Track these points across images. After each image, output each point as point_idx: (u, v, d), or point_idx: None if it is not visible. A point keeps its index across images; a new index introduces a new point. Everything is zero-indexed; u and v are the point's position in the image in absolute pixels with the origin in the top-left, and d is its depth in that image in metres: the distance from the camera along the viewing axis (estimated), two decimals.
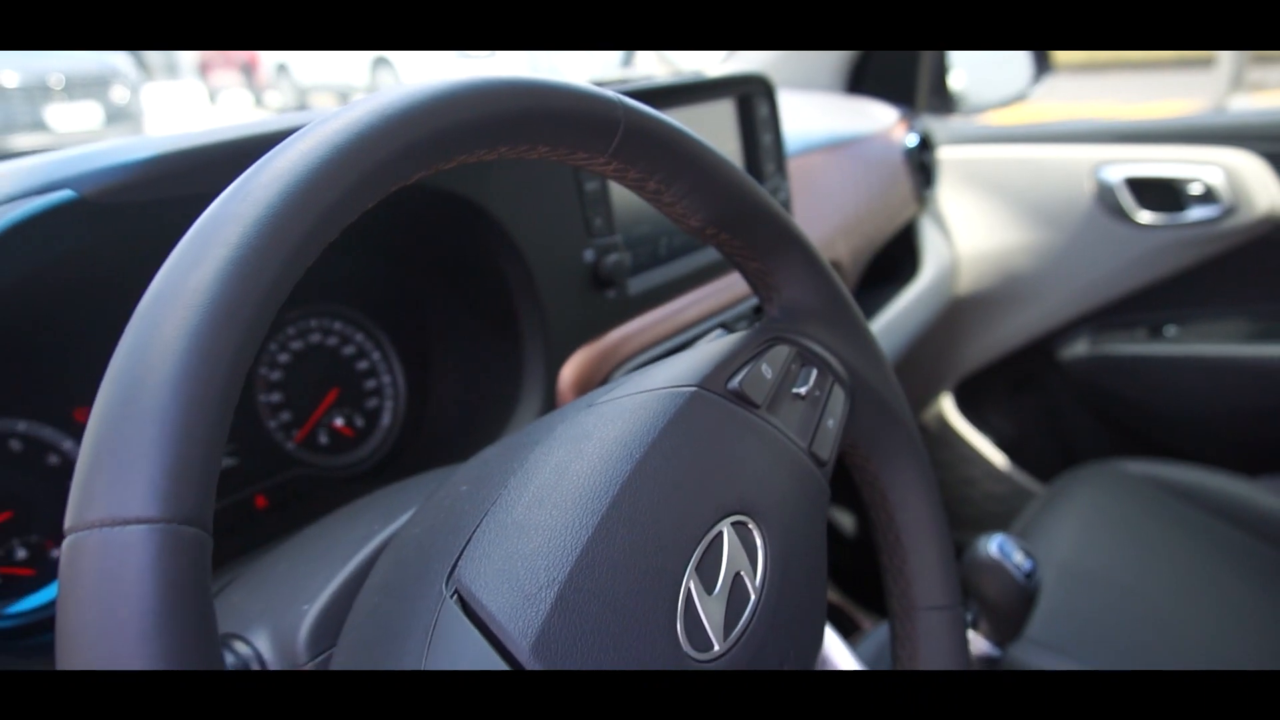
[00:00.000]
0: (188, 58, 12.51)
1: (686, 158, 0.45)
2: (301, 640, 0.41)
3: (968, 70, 1.79)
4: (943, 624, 0.55)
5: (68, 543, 0.26)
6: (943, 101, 1.75)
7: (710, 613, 0.38)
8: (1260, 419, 1.49)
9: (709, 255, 0.92)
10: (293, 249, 0.30)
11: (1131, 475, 1.31)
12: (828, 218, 1.20)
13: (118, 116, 6.09)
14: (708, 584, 0.39)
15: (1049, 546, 1.16)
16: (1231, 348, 1.51)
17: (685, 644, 0.37)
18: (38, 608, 0.58)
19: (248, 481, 0.69)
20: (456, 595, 0.36)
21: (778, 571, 0.42)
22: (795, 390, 0.49)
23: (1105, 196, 1.52)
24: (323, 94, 9.76)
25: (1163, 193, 1.48)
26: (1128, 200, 1.51)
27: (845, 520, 1.84)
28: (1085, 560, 1.14)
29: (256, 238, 0.29)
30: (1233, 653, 1.01)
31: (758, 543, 0.42)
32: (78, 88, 5.85)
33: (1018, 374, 1.76)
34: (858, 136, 1.38)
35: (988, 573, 0.79)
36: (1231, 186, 1.42)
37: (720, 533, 0.40)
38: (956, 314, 1.69)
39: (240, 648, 0.42)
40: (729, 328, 0.62)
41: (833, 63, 1.64)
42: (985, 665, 0.83)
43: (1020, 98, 1.73)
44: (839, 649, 0.50)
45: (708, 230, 0.48)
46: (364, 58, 8.92)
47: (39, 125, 5.63)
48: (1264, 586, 1.12)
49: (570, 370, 0.76)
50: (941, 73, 1.75)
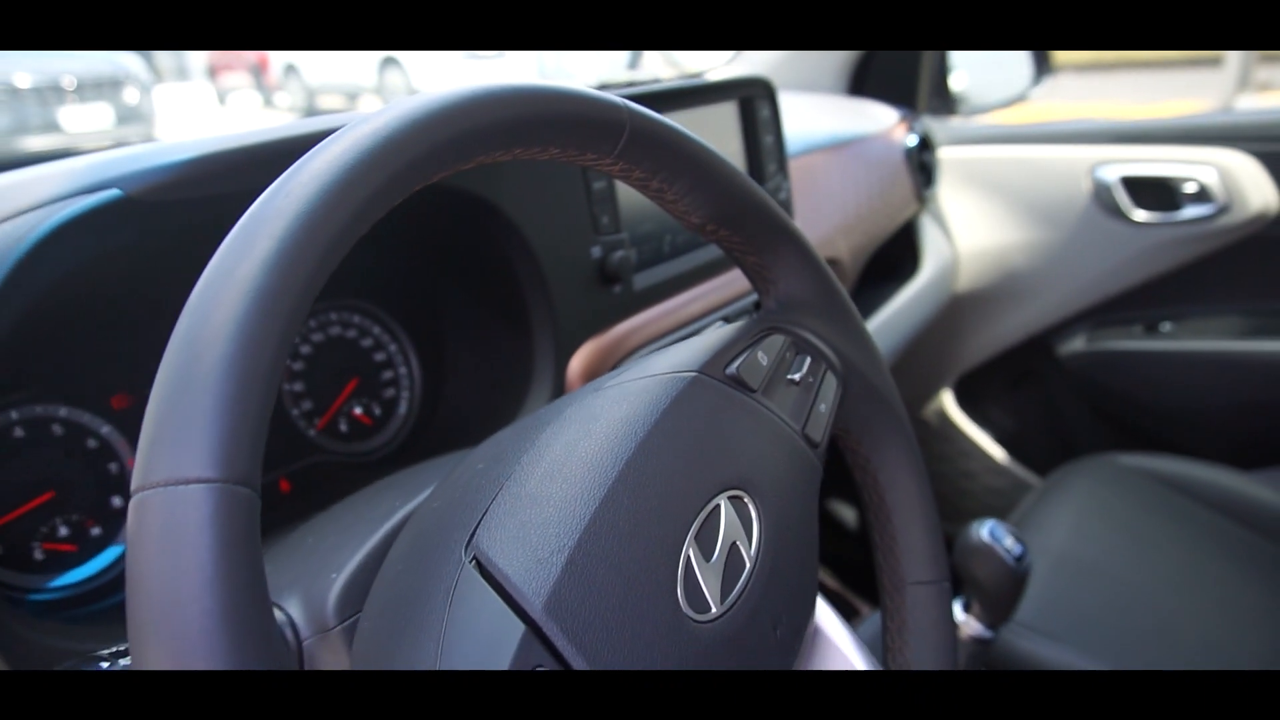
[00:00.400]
0: (197, 60, 12.55)
1: (687, 158, 0.47)
2: (330, 605, 0.44)
3: (969, 72, 1.81)
4: (929, 597, 0.58)
5: (135, 500, 0.29)
6: (944, 103, 1.76)
7: (708, 578, 0.41)
8: (1254, 413, 1.51)
9: (711, 253, 0.95)
10: (329, 242, 0.34)
11: (1127, 468, 1.33)
12: (828, 216, 1.23)
13: (129, 117, 6.08)
14: (706, 552, 0.42)
15: (1044, 537, 1.18)
16: (1225, 343, 1.53)
17: (685, 606, 0.40)
18: (80, 581, 0.61)
19: (272, 466, 0.73)
20: (475, 560, 0.38)
21: (771, 542, 0.45)
22: (790, 376, 0.52)
23: (1102, 195, 1.54)
24: (331, 95, 9.76)
25: (1158, 192, 1.50)
26: (1124, 199, 1.52)
27: (847, 514, 1.86)
28: (1079, 549, 1.15)
29: (297, 231, 0.32)
30: (1224, 640, 1.03)
31: (753, 515, 0.45)
32: (89, 89, 5.83)
33: (1017, 369, 1.77)
34: (858, 137, 1.40)
35: (979, 556, 0.82)
36: (1225, 186, 1.44)
37: (718, 506, 0.43)
38: (957, 311, 1.70)
39: (274, 613, 0.45)
40: (729, 321, 0.65)
41: (835, 65, 1.65)
42: (977, 646, 0.86)
43: (1021, 99, 1.74)
44: (838, 630, 0.54)
45: (708, 226, 0.51)
46: (372, 58, 8.88)
47: (52, 126, 5.63)
48: (1256, 576, 1.14)
49: (578, 362, 0.79)
50: (943, 75, 1.76)
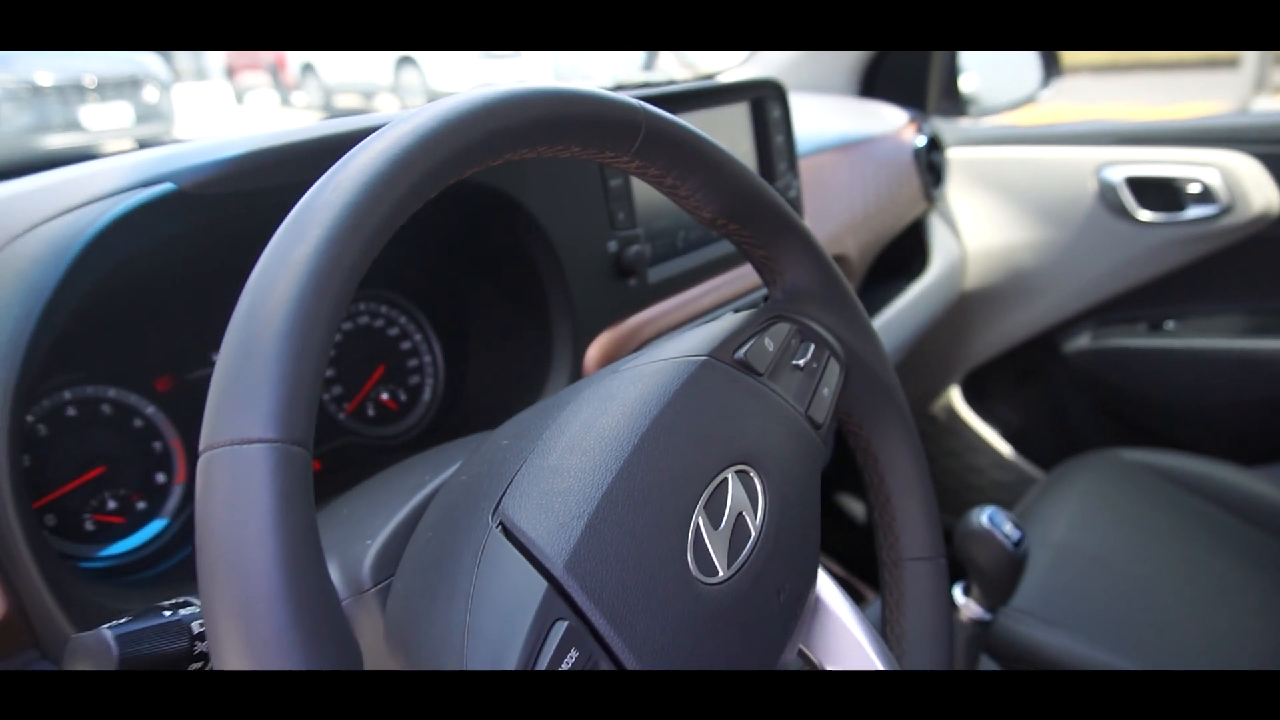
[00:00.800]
0: (215, 59, 12.63)
1: (700, 156, 0.50)
2: (366, 569, 0.47)
3: (979, 74, 1.83)
4: (925, 572, 0.61)
5: (203, 459, 0.32)
6: (953, 105, 1.78)
7: (715, 544, 0.45)
8: (1255, 410, 1.53)
9: (722, 248, 0.98)
10: (373, 230, 0.37)
11: (1129, 463, 1.35)
12: (836, 214, 1.26)
13: (148, 116, 6.11)
14: (714, 520, 0.45)
15: (1045, 528, 1.20)
16: (1228, 341, 1.55)
17: (694, 569, 0.43)
18: (126, 552, 0.65)
19: None
20: (501, 526, 0.42)
21: (775, 515, 0.48)
22: (795, 362, 0.56)
23: (1107, 195, 1.56)
24: (348, 94, 9.83)
25: (1162, 192, 1.52)
26: (1129, 199, 1.54)
27: (857, 508, 1.89)
28: (1079, 540, 1.18)
29: (345, 220, 0.36)
30: (1222, 631, 1.05)
31: (758, 489, 0.48)
32: (110, 88, 5.86)
33: (1023, 366, 1.79)
34: (868, 137, 1.43)
35: (978, 541, 0.85)
36: (1228, 186, 1.46)
37: (725, 479, 0.47)
38: (964, 308, 1.72)
39: None
40: (739, 312, 0.68)
41: (846, 67, 1.68)
42: (976, 628, 0.89)
43: (1030, 100, 1.77)
44: (840, 602, 0.57)
45: (718, 221, 0.54)
46: (388, 57, 8.91)
47: (73, 125, 5.67)
48: (1255, 569, 1.16)
49: (595, 351, 0.83)
50: (952, 77, 1.78)
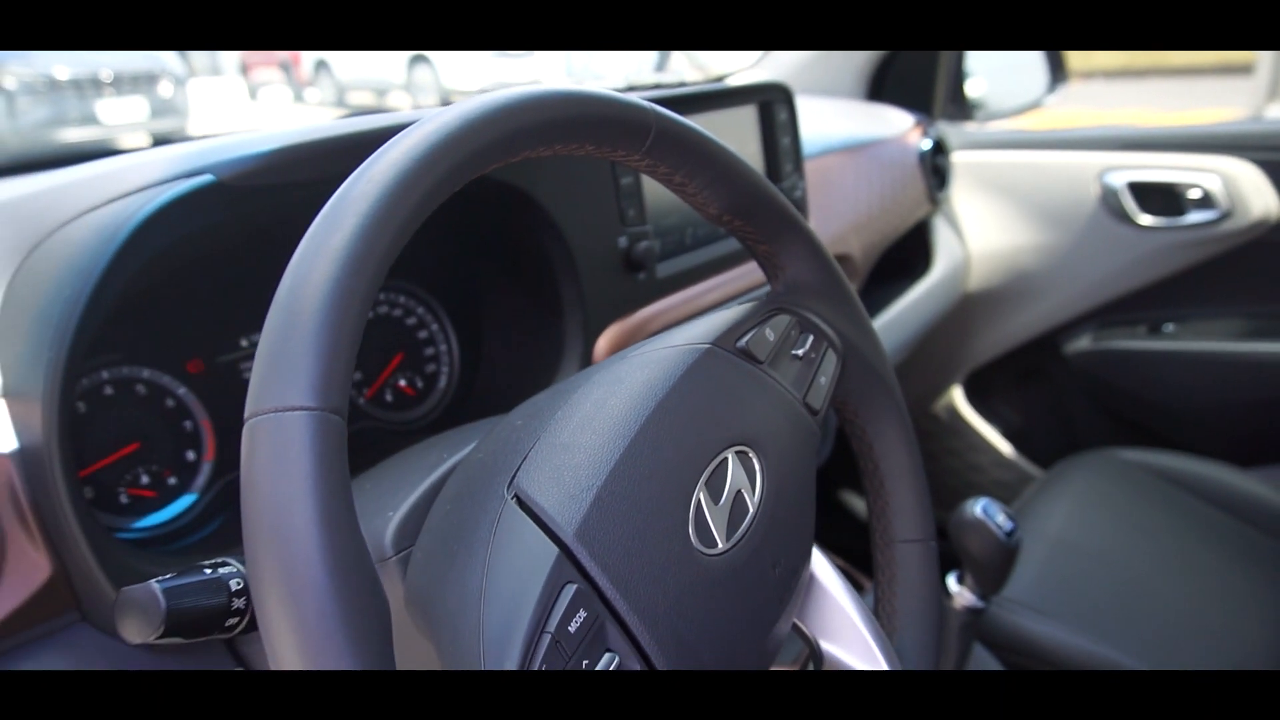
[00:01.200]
0: (230, 56, 12.70)
1: (707, 156, 0.53)
2: (388, 538, 0.50)
3: (986, 78, 1.86)
4: (916, 554, 0.64)
5: (248, 425, 0.36)
6: (959, 109, 1.80)
7: (715, 519, 0.48)
8: (1252, 412, 1.55)
9: (729, 245, 1.01)
10: (403, 220, 0.40)
11: (1127, 462, 1.38)
12: (842, 214, 1.28)
13: (163, 111, 6.14)
14: (714, 496, 0.48)
15: (1041, 523, 1.23)
16: (1226, 344, 1.57)
17: (695, 540, 0.47)
18: (158, 524, 0.68)
19: None
20: (515, 497, 0.45)
21: (772, 493, 0.51)
22: (794, 352, 0.59)
23: (1109, 200, 1.58)
24: (361, 91, 9.89)
25: (1164, 197, 1.54)
26: (1130, 204, 1.56)
27: (858, 504, 1.92)
28: (1074, 535, 1.21)
29: (378, 210, 0.39)
30: (1215, 625, 1.07)
31: (757, 469, 0.51)
32: (126, 83, 5.89)
33: (1024, 367, 1.81)
34: (874, 140, 1.45)
35: (972, 530, 0.88)
36: (1228, 192, 1.48)
37: (726, 459, 0.50)
38: (967, 309, 1.75)
39: None
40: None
41: (854, 70, 1.70)
42: (969, 616, 0.92)
43: (1036, 105, 1.79)
44: (839, 590, 0.60)
45: (724, 217, 0.57)
46: (402, 55, 8.96)
47: (90, 119, 5.71)
48: (1247, 566, 1.18)
49: (604, 342, 0.86)
50: (959, 81, 1.80)
